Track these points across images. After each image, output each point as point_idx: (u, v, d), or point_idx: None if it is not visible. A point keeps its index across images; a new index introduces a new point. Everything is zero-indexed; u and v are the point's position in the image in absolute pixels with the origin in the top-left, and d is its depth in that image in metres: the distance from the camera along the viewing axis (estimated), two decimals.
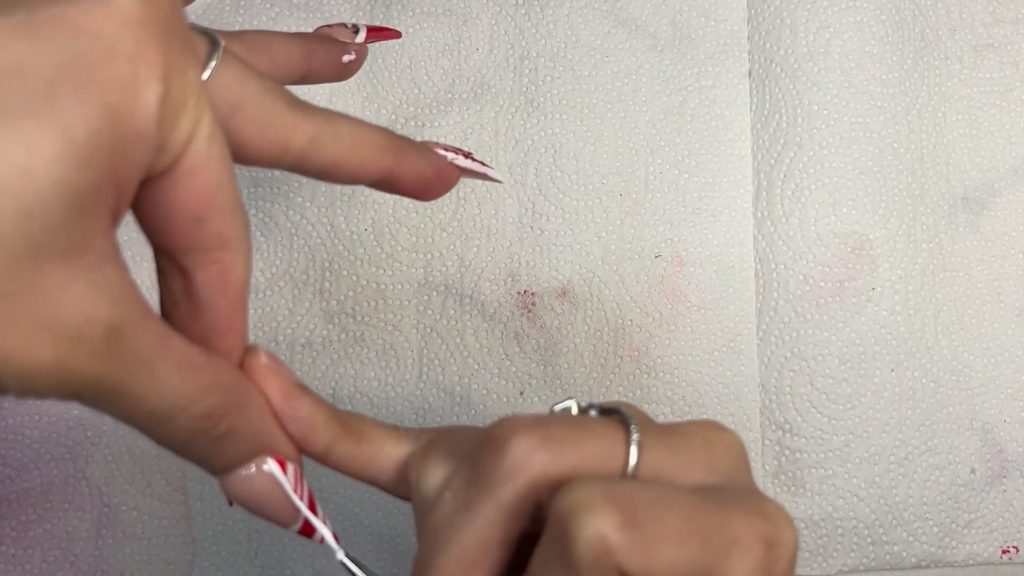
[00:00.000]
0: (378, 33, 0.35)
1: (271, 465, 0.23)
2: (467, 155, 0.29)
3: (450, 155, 0.28)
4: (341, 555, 0.24)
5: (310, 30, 0.43)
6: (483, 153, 0.42)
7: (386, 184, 0.27)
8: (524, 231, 0.42)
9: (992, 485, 0.41)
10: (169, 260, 0.22)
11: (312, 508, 0.24)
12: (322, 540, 0.24)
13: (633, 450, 0.21)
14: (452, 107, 0.43)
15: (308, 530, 0.24)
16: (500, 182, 0.32)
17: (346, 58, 0.32)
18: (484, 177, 0.30)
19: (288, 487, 0.23)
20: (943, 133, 0.43)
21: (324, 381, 0.41)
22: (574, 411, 0.23)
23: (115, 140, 0.18)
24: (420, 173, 0.27)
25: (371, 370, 0.41)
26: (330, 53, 0.32)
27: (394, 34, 0.36)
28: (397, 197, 0.42)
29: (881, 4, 0.42)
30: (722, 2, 0.43)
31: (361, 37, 0.34)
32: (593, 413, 0.23)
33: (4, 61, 0.17)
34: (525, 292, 0.41)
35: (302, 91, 0.40)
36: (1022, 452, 0.41)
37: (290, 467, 0.23)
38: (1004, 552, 0.41)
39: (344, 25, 0.34)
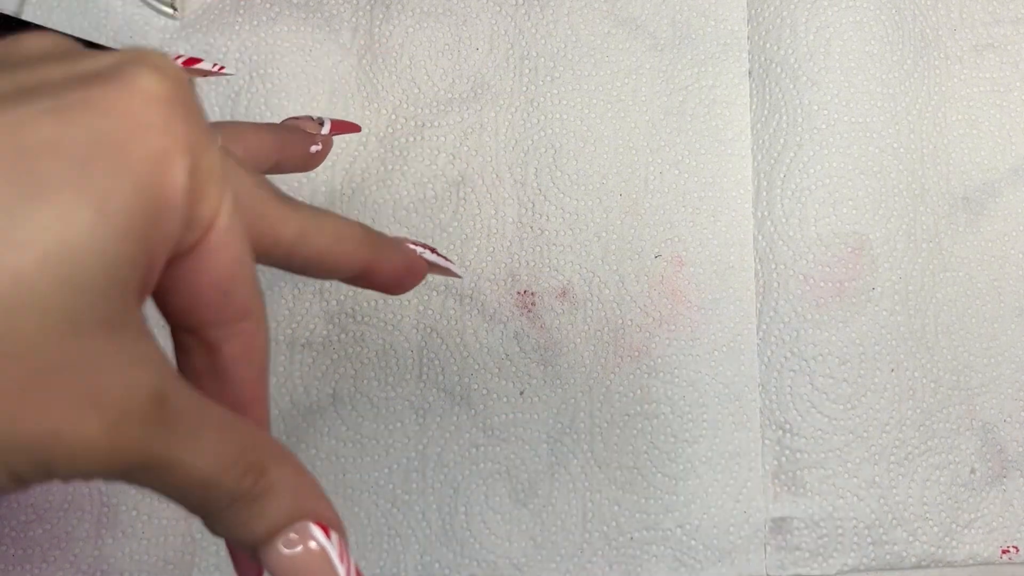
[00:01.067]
0: (341, 127, 0.37)
1: (316, 534, 0.22)
2: (433, 250, 0.31)
3: (419, 250, 0.30)
4: None
5: (310, 30, 0.43)
6: (483, 153, 0.42)
7: (364, 277, 0.27)
8: (524, 231, 0.42)
9: (992, 485, 0.41)
10: (193, 337, 0.22)
11: None
12: None
13: None
14: (452, 107, 0.43)
15: None
16: (460, 277, 0.34)
17: (313, 148, 0.34)
18: (447, 272, 0.32)
19: (335, 558, 0.22)
20: (943, 133, 0.43)
21: (324, 381, 0.41)
22: None
23: (149, 212, 0.18)
24: (395, 266, 0.28)
25: (371, 370, 0.41)
26: (299, 144, 0.33)
27: (355, 128, 0.38)
28: (397, 197, 0.42)
29: (881, 4, 0.42)
30: (722, 2, 0.43)
31: (326, 129, 0.35)
32: None
33: (38, 140, 0.17)
34: (525, 292, 0.41)
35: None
36: (1022, 452, 0.41)
37: (334, 535, 0.22)
38: (1004, 552, 0.41)
39: (310, 117, 0.35)
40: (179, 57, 0.34)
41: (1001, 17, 0.44)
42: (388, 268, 0.28)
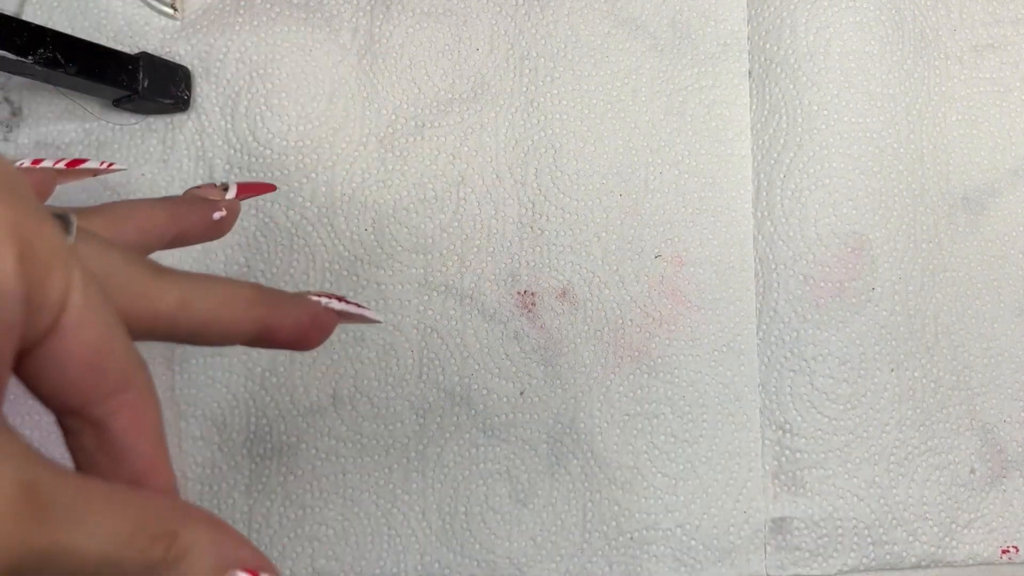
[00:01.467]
0: (249, 189, 0.35)
1: None
2: (341, 299, 0.29)
3: (324, 300, 0.28)
4: None
5: (311, 30, 0.43)
6: (483, 153, 0.42)
7: (264, 338, 0.27)
8: (524, 231, 0.42)
9: (992, 485, 0.41)
10: (77, 418, 0.22)
11: None
12: None
13: None
14: (452, 107, 0.43)
15: None
16: (380, 322, 0.32)
17: (216, 215, 0.32)
18: (362, 319, 0.30)
19: None
20: (943, 133, 0.43)
21: (324, 381, 0.41)
22: None
23: None
24: (296, 321, 0.27)
25: (371, 370, 0.41)
26: (198, 213, 0.32)
27: (267, 188, 0.36)
28: (397, 197, 0.42)
29: (881, 4, 0.42)
30: (722, 2, 0.43)
31: (231, 194, 0.34)
32: None
33: None
34: (525, 292, 0.41)
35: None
36: (1022, 452, 0.41)
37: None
38: (1004, 552, 0.41)
39: (213, 185, 0.34)
40: (60, 160, 0.32)
41: (1001, 17, 0.44)
42: (288, 326, 0.27)
